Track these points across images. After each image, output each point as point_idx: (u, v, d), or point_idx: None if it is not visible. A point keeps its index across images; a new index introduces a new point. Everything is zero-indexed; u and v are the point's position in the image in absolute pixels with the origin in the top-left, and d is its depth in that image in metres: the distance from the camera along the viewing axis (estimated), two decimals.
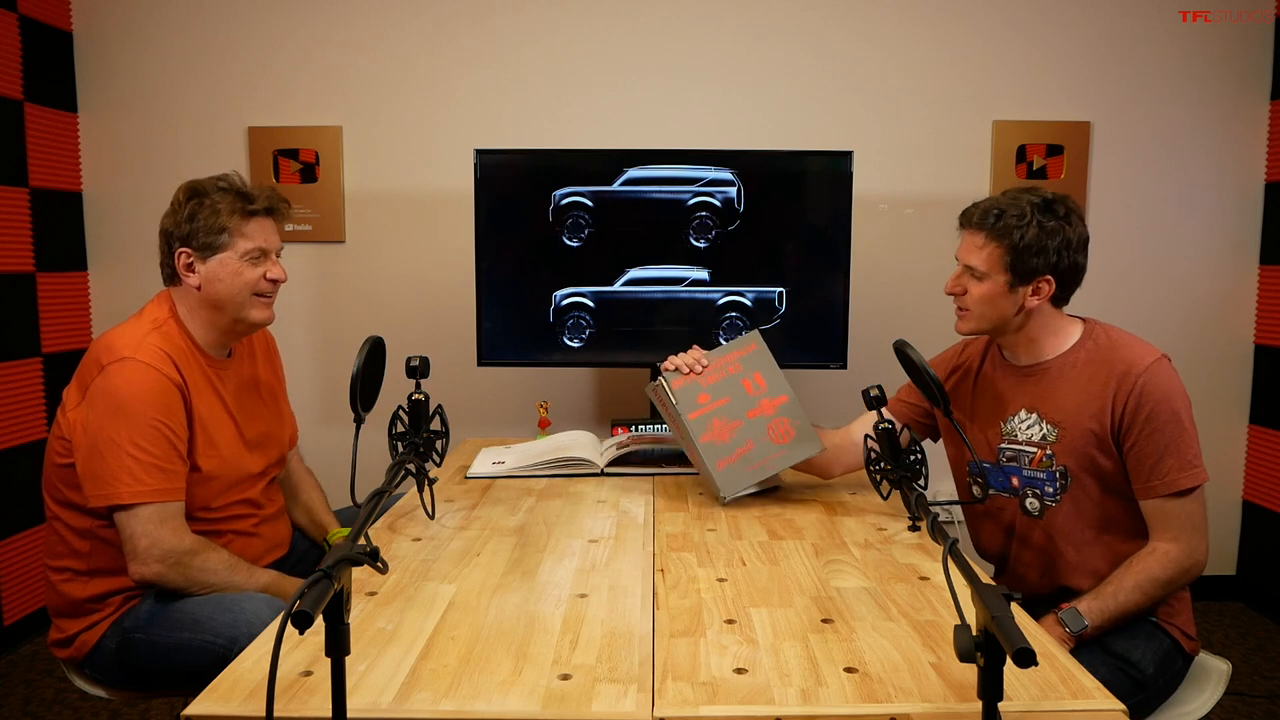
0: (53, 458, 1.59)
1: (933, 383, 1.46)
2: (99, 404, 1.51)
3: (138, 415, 1.50)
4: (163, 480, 1.52)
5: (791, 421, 1.80)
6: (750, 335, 1.89)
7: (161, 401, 1.53)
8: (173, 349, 1.59)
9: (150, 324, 1.61)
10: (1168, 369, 1.54)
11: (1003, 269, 1.56)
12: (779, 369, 1.86)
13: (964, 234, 1.63)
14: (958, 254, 1.65)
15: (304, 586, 0.84)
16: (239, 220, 1.63)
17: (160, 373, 1.54)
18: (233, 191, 1.64)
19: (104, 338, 1.59)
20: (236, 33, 2.92)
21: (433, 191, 2.96)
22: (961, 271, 1.63)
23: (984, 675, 0.87)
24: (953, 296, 1.66)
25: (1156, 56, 2.93)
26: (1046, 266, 1.54)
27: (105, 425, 1.50)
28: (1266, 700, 2.45)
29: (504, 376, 2.98)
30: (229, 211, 1.62)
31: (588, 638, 1.16)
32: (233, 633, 1.43)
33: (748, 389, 1.83)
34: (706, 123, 2.94)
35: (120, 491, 1.48)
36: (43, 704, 2.40)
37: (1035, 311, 1.60)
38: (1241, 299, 3.05)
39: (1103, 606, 1.50)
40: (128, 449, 1.49)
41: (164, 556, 1.51)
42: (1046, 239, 1.53)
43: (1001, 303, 1.59)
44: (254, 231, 1.65)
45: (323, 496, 2.00)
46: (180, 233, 1.63)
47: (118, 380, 1.51)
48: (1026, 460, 1.63)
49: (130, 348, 1.54)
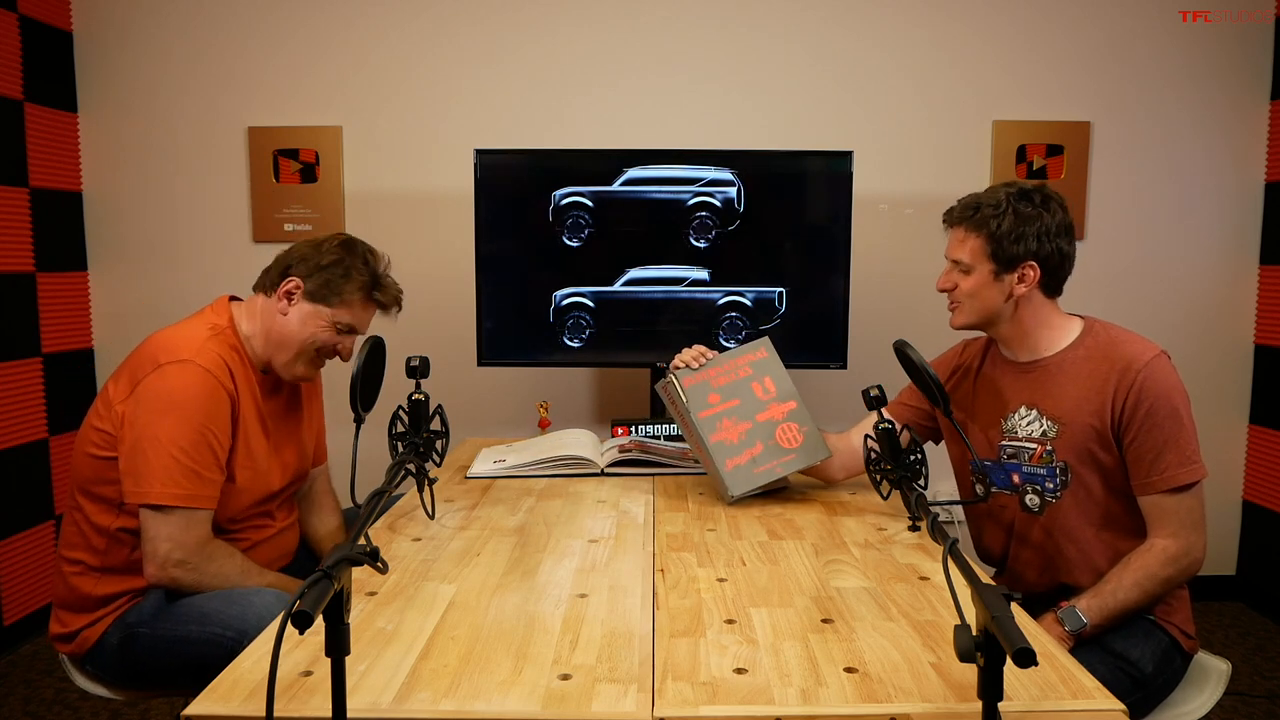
0: (87, 448, 1.58)
1: (933, 382, 1.47)
2: (149, 401, 1.51)
3: (188, 419, 1.51)
4: (197, 486, 1.52)
5: (800, 427, 1.82)
6: (760, 341, 1.91)
7: (212, 408, 1.54)
8: (230, 358, 1.61)
9: (209, 329, 1.62)
10: (1167, 365, 1.55)
11: (986, 258, 1.60)
12: (788, 376, 1.88)
13: (949, 232, 1.68)
14: (945, 252, 1.69)
15: (304, 586, 0.84)
16: (359, 296, 1.70)
17: (217, 380, 1.55)
18: (371, 272, 1.71)
19: (161, 336, 1.60)
20: (236, 33, 2.92)
21: (433, 191, 2.96)
22: (950, 268, 1.67)
23: (984, 675, 0.87)
24: (945, 294, 1.69)
25: (1156, 56, 2.93)
26: (1028, 253, 1.58)
27: (153, 423, 1.50)
28: (1266, 700, 2.45)
29: (504, 376, 2.98)
30: (357, 285, 1.69)
31: (588, 638, 1.16)
32: (242, 625, 1.43)
33: (757, 393, 1.85)
34: (706, 123, 2.95)
35: (154, 491, 1.49)
36: (43, 704, 2.40)
37: (1025, 301, 1.62)
38: (1241, 299, 3.05)
39: (1101, 604, 1.50)
40: (170, 450, 1.49)
41: (182, 563, 1.51)
42: (1024, 225, 1.57)
43: (989, 293, 1.62)
44: (360, 312, 1.72)
45: (340, 524, 1.96)
46: (308, 267, 1.67)
47: (175, 381, 1.52)
48: (1027, 456, 1.64)
49: (192, 351, 1.55)
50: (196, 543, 1.53)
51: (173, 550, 1.50)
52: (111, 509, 1.58)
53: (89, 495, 1.59)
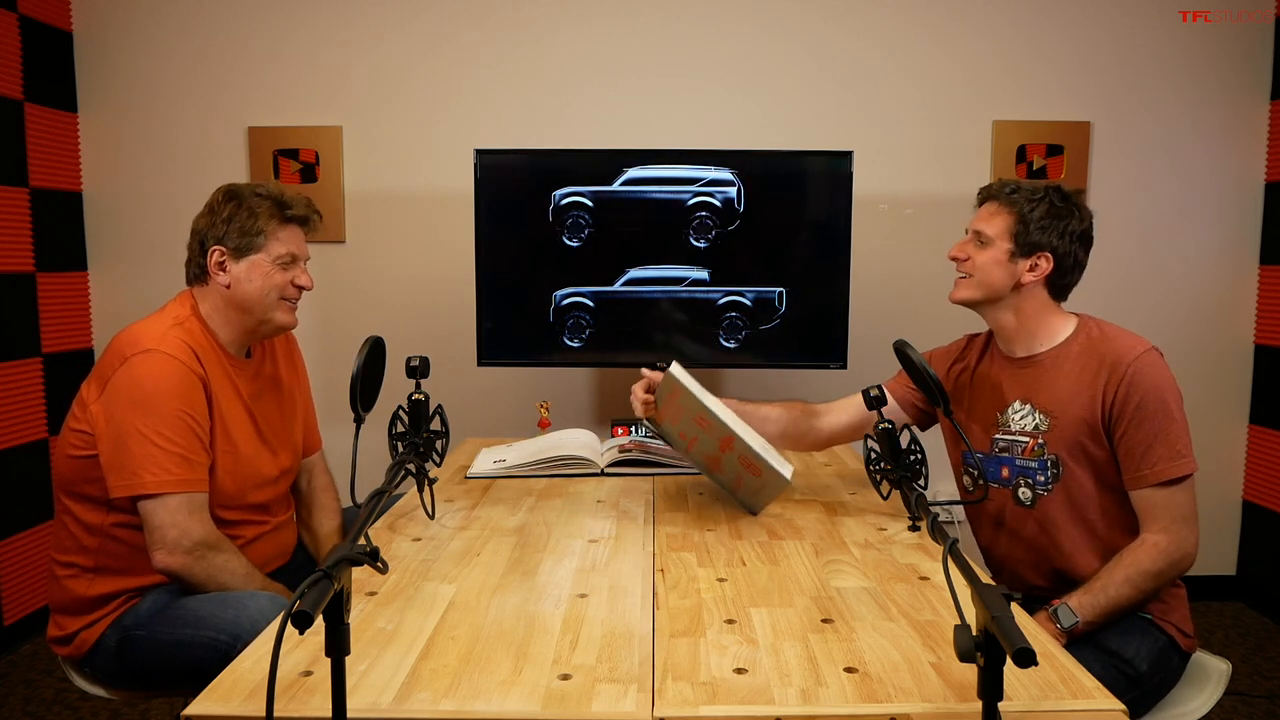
0: (67, 450, 1.58)
1: (932, 382, 1.47)
2: (122, 395, 1.51)
3: (162, 406, 1.51)
4: (189, 470, 1.52)
5: (754, 457, 1.63)
6: (669, 374, 1.63)
7: (185, 393, 1.54)
8: (195, 344, 1.60)
9: (172, 320, 1.62)
10: (1157, 360, 1.56)
11: (1008, 236, 1.64)
12: (710, 399, 1.64)
13: (979, 208, 1.72)
14: (970, 224, 1.72)
15: (304, 586, 0.84)
16: (275, 225, 1.67)
17: (183, 364, 1.55)
18: (271, 197, 1.67)
19: (125, 332, 1.60)
20: (236, 33, 2.92)
21: (433, 191, 2.96)
22: (968, 239, 1.71)
23: (984, 675, 0.87)
24: (955, 262, 1.72)
25: (1156, 56, 2.93)
26: (1048, 245, 1.62)
27: (129, 416, 1.50)
28: (1266, 700, 2.45)
29: (504, 376, 2.98)
30: (266, 215, 1.66)
31: (588, 638, 1.16)
32: (236, 629, 1.43)
33: (703, 427, 1.66)
34: (706, 122, 2.95)
35: (146, 481, 1.49)
36: (43, 704, 2.40)
37: (1029, 293, 1.65)
38: (1241, 299, 3.05)
39: (1094, 601, 1.50)
40: (153, 439, 1.49)
41: (193, 548, 1.51)
42: (1054, 219, 1.62)
43: (999, 271, 1.65)
44: (288, 237, 1.69)
45: (340, 524, 1.94)
46: (216, 232, 1.65)
47: (141, 371, 1.52)
48: (1019, 450, 1.65)
49: (154, 340, 1.55)
50: (203, 527, 1.53)
51: (181, 536, 1.50)
52: (100, 507, 1.58)
53: (75, 496, 1.59)
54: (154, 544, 1.51)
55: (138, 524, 1.53)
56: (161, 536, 1.50)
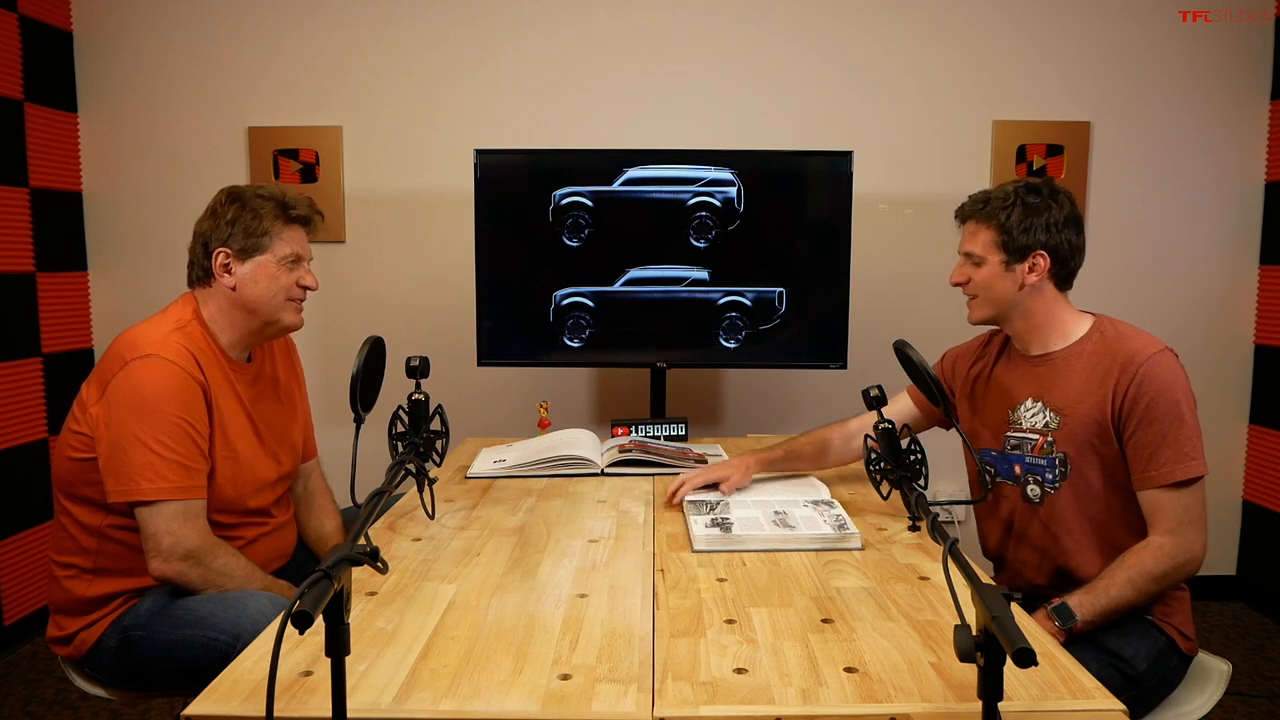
0: (67, 451, 1.58)
1: (933, 383, 1.47)
2: (121, 400, 1.51)
3: (161, 412, 1.51)
4: (186, 477, 1.52)
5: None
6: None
7: (184, 399, 1.54)
8: (196, 348, 1.60)
9: (173, 323, 1.62)
10: (1171, 361, 1.55)
11: (997, 249, 1.64)
12: None
13: (961, 229, 1.73)
14: (959, 248, 1.72)
15: (304, 586, 0.84)
16: (279, 225, 1.67)
17: (184, 370, 1.55)
18: (273, 198, 1.68)
19: (126, 335, 1.59)
20: (236, 33, 2.92)
21: (433, 191, 2.96)
22: (962, 262, 1.71)
23: (984, 675, 0.87)
24: (960, 288, 1.72)
25: (1156, 56, 2.93)
26: (1038, 243, 1.62)
27: (128, 421, 1.50)
28: (1266, 700, 2.45)
29: (504, 376, 2.98)
30: (270, 216, 1.66)
31: (588, 638, 1.16)
32: (236, 629, 1.43)
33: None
34: (706, 122, 2.95)
35: (143, 487, 1.49)
36: (43, 704, 2.40)
37: (1037, 292, 1.65)
38: (1241, 299, 3.05)
39: (1094, 601, 1.50)
40: (151, 445, 1.49)
41: (187, 555, 1.51)
42: (1032, 216, 1.62)
43: (1002, 283, 1.65)
44: (292, 237, 1.69)
45: (339, 524, 1.95)
46: (220, 234, 1.65)
47: (141, 377, 1.51)
48: (1029, 447, 1.65)
49: (154, 345, 1.54)
50: (198, 534, 1.52)
51: (175, 544, 1.50)
52: (99, 509, 1.57)
53: (74, 498, 1.59)
54: (149, 551, 1.51)
55: (136, 526, 1.53)
56: (156, 544, 1.50)
